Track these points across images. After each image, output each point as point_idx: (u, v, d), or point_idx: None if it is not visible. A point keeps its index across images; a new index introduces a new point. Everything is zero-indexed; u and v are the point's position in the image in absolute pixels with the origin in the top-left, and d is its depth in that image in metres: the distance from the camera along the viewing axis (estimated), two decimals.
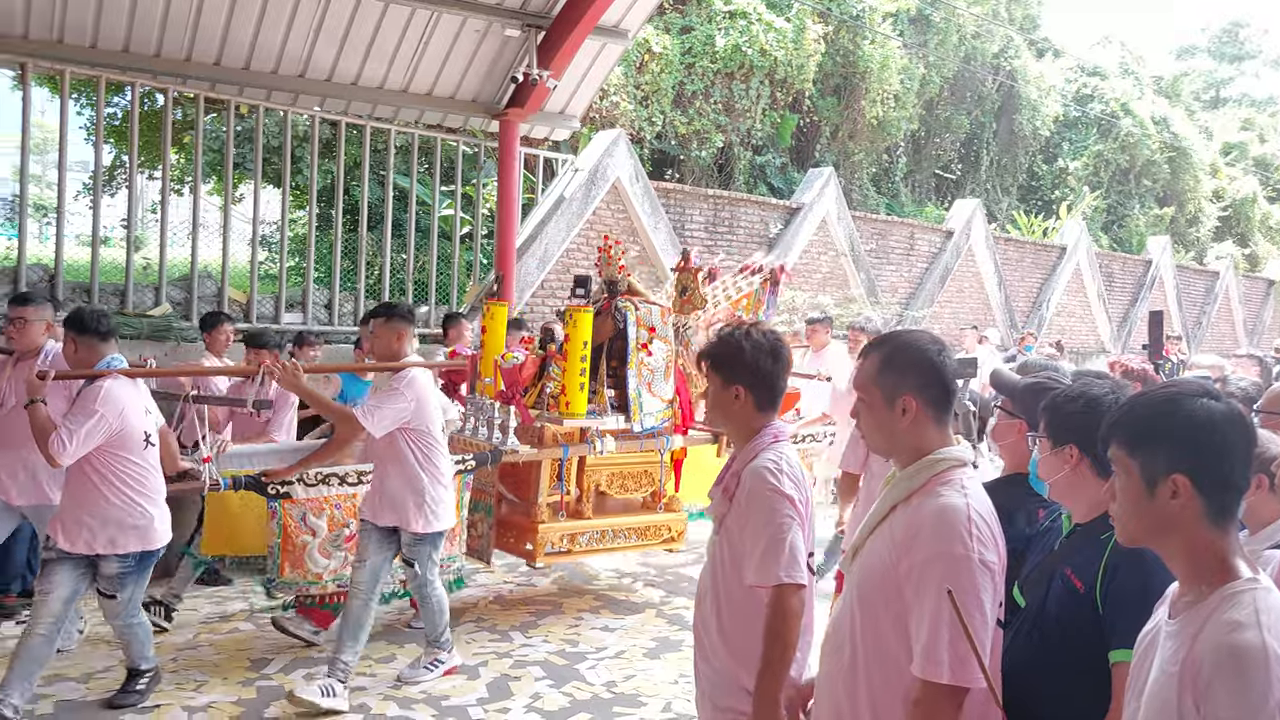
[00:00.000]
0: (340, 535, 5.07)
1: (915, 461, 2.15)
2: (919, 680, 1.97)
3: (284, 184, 9.09)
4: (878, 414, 2.21)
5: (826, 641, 2.26)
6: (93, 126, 8.71)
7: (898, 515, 2.12)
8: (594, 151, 10.54)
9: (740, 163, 15.62)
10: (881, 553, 2.10)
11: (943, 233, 15.52)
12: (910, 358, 2.19)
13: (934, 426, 2.18)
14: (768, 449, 2.62)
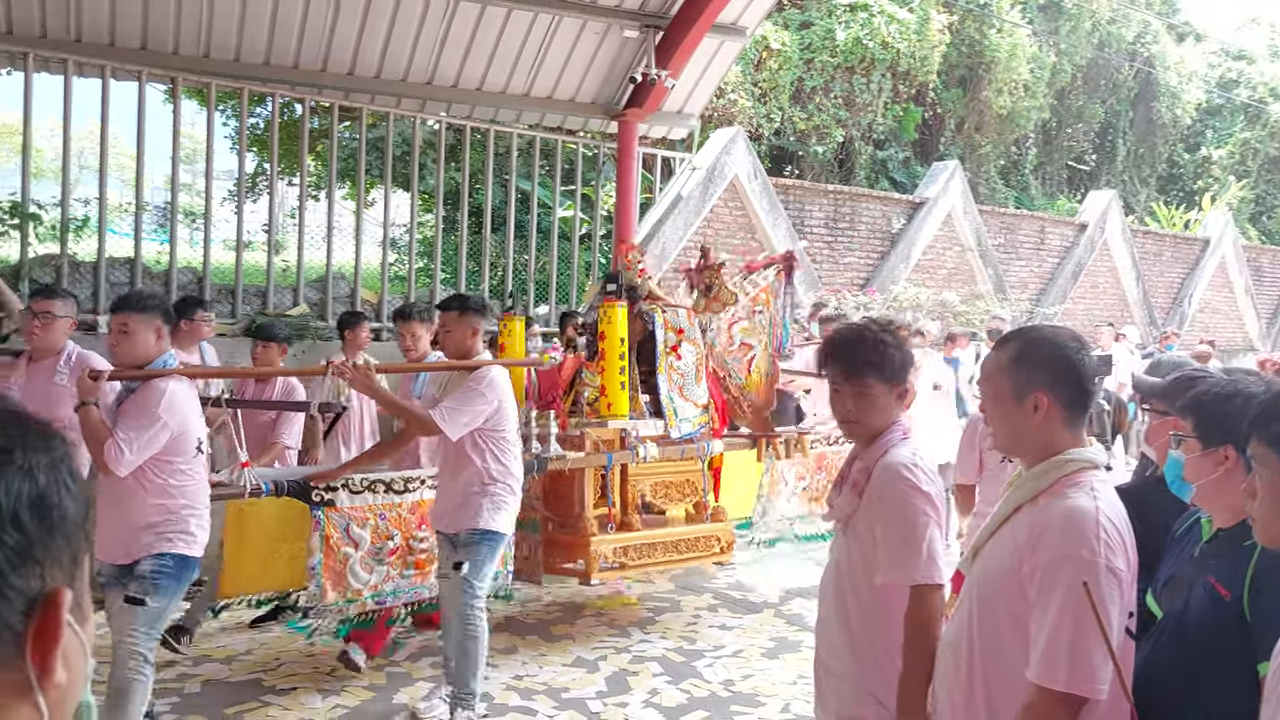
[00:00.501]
0: (384, 548, 4.65)
1: (1043, 461, 2.09)
2: (1033, 685, 1.93)
3: (413, 188, 9.40)
4: (1005, 409, 2.14)
5: (944, 642, 2.23)
6: (236, 136, 9.18)
7: (1022, 516, 2.07)
8: (712, 149, 10.55)
9: (861, 158, 15.39)
10: (1003, 554, 2.06)
11: (1076, 226, 14.96)
12: (1045, 353, 2.12)
13: (1065, 426, 2.11)
14: (899, 444, 2.57)
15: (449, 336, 4.50)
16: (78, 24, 7.33)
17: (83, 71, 7.58)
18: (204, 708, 4.54)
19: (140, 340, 3.77)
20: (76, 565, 0.73)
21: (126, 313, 3.78)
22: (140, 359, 3.79)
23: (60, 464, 0.72)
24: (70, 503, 0.72)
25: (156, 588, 3.71)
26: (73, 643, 0.72)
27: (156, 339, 3.81)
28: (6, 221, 7.39)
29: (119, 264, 7.82)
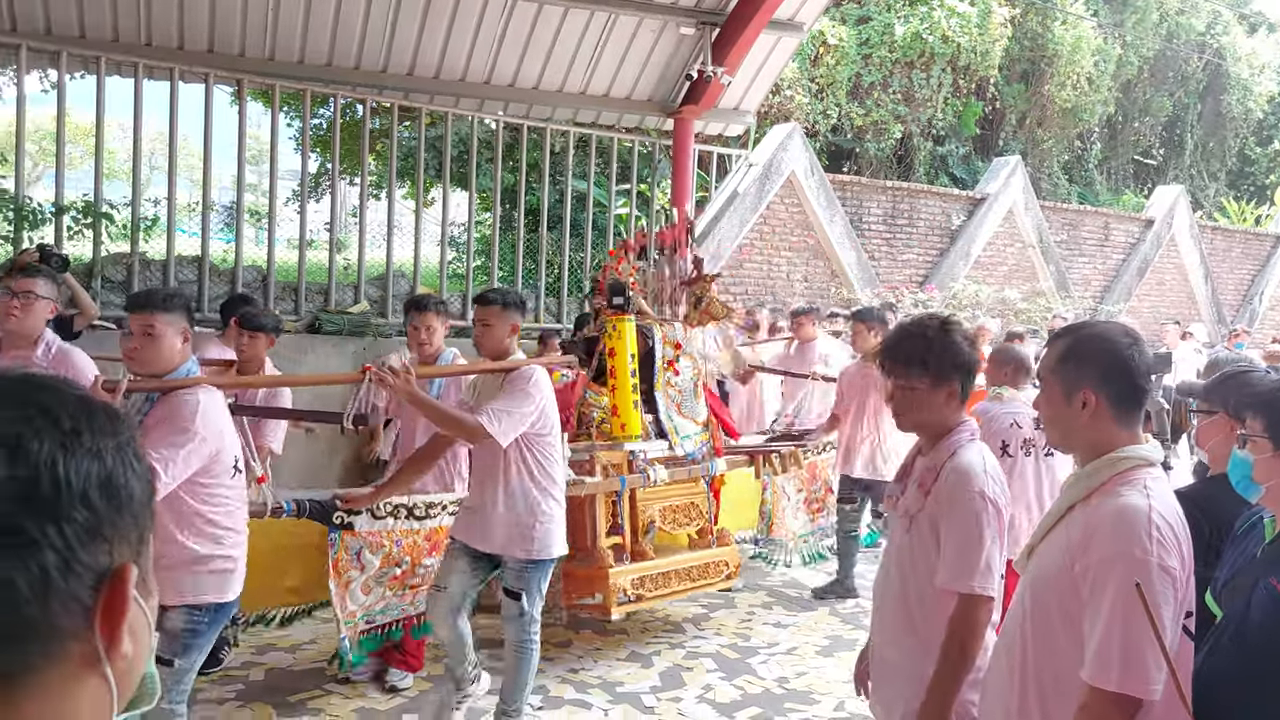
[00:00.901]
0: (388, 574, 4.41)
1: (1094, 459, 2.07)
2: (1087, 686, 1.91)
3: (470, 187, 9.51)
4: (1055, 407, 2.13)
5: (998, 643, 2.22)
6: (300, 137, 9.36)
7: (1075, 515, 2.04)
8: (768, 146, 10.52)
9: (920, 153, 15.22)
10: (1056, 554, 2.04)
11: (1142, 222, 14.64)
12: (1094, 349, 2.09)
13: (1117, 423, 2.07)
14: (967, 445, 2.56)
15: (489, 332, 4.10)
16: (148, 28, 7.54)
17: (152, 74, 7.80)
18: (267, 695, 4.65)
19: (166, 344, 3.26)
20: (142, 543, 0.76)
21: (151, 312, 3.25)
22: (165, 366, 3.28)
23: (126, 446, 0.75)
24: (136, 483, 0.74)
25: (188, 647, 3.20)
26: (138, 617, 0.75)
27: (183, 342, 3.33)
28: (81, 221, 7.62)
29: (187, 262, 8.03)
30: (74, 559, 0.69)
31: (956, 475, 2.49)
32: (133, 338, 3.26)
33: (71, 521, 0.69)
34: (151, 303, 3.26)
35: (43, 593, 0.67)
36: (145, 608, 0.76)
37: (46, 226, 7.48)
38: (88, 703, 0.71)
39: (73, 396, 0.74)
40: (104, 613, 0.71)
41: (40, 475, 0.68)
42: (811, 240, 10.84)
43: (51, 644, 0.69)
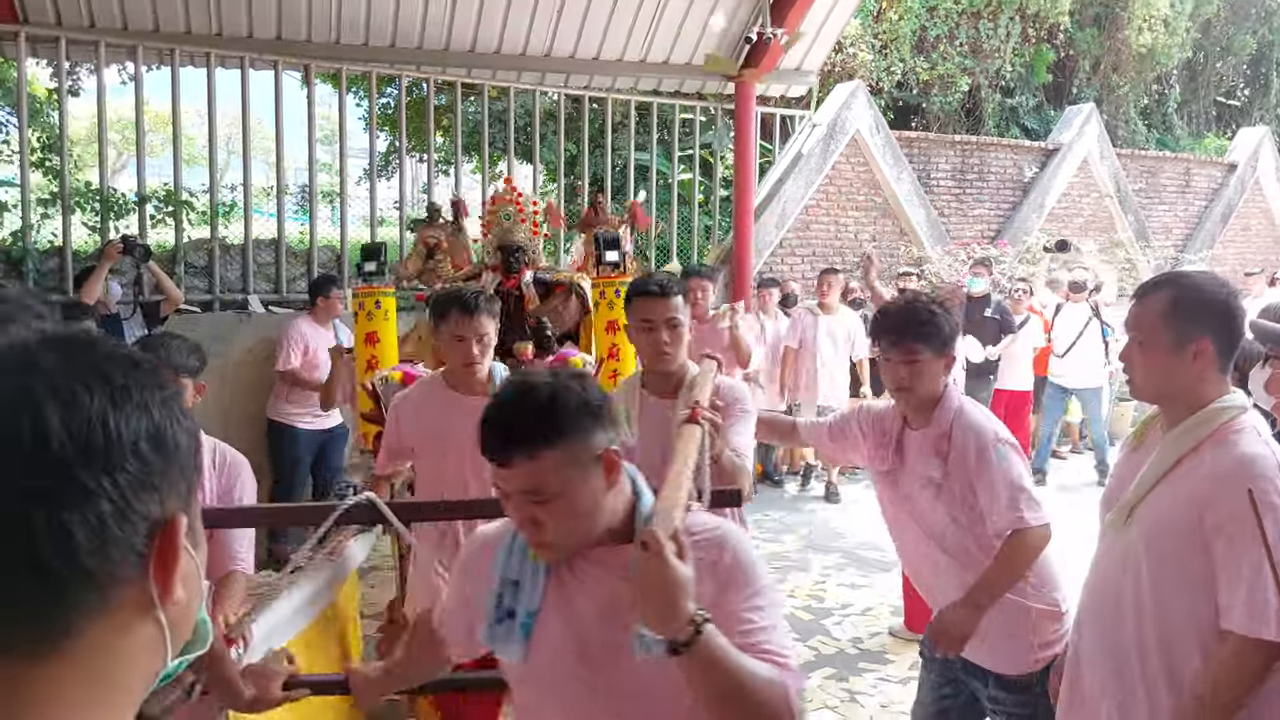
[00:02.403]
0: None
1: (1194, 410, 2.06)
2: (1237, 636, 1.91)
3: (534, 160, 9.60)
4: (1160, 356, 2.10)
5: (1092, 606, 2.22)
6: (368, 117, 9.54)
7: (1186, 468, 2.04)
8: (832, 105, 10.38)
9: (989, 105, 14.87)
10: (1174, 508, 2.02)
11: (1224, 166, 14.14)
12: (1206, 299, 2.09)
13: (1218, 374, 2.09)
14: (963, 404, 2.74)
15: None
16: (218, 20, 7.74)
17: (224, 63, 8.02)
18: None
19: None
20: (191, 495, 0.78)
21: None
22: None
23: (172, 400, 0.77)
24: (183, 436, 0.77)
25: None
26: (189, 565, 0.78)
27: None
28: (162, 209, 7.90)
29: (264, 245, 8.27)
30: (129, 509, 0.72)
31: (970, 433, 2.64)
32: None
33: (125, 472, 0.71)
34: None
35: (100, 542, 0.70)
36: (195, 557, 0.79)
37: (130, 215, 7.77)
38: (144, 646, 0.75)
39: (121, 354, 0.77)
40: (158, 561, 0.74)
41: (93, 428, 0.71)
42: (879, 199, 10.71)
43: (109, 591, 0.72)
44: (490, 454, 1.58)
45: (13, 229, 7.68)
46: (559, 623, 1.66)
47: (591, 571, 1.67)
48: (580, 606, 1.66)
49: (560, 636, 1.66)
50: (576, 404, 1.59)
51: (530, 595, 1.68)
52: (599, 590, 1.65)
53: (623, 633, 1.55)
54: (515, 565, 1.71)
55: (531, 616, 1.67)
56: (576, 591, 1.67)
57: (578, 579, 1.67)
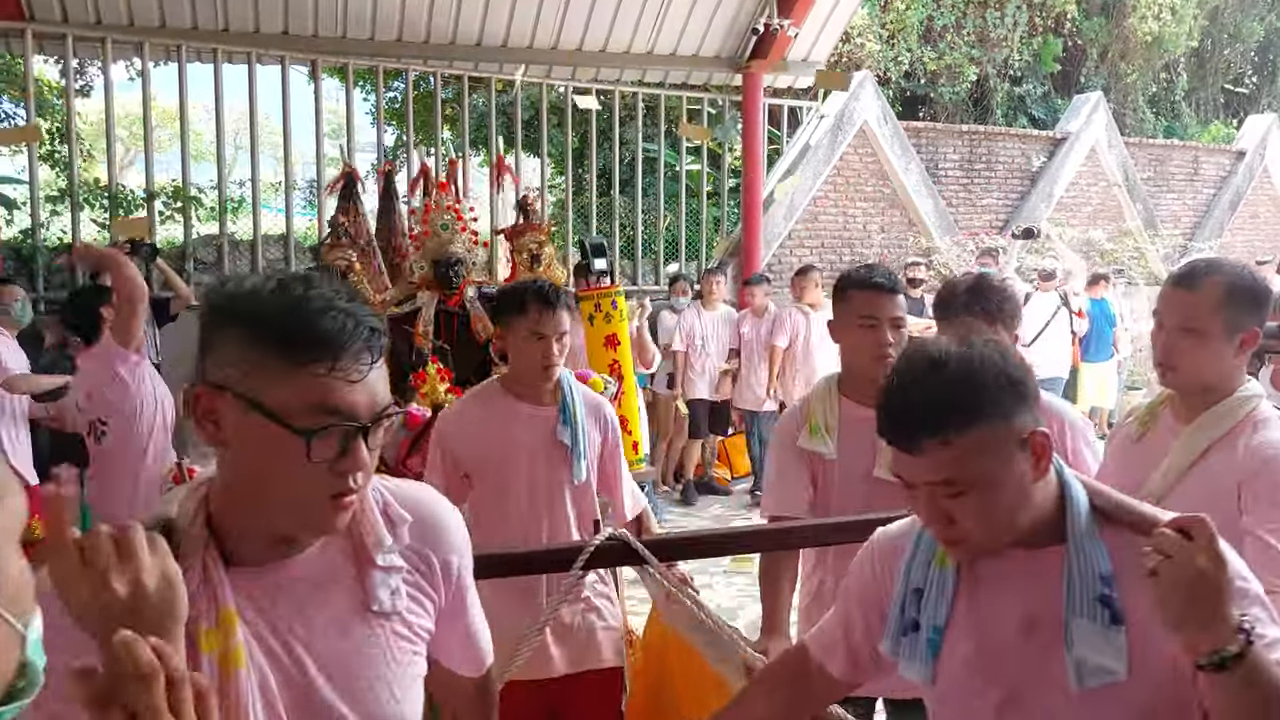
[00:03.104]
0: None
1: (1221, 398, 2.05)
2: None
3: (542, 153, 9.59)
4: (1216, 347, 2.05)
5: None
6: (375, 111, 9.53)
7: (1219, 453, 2.02)
8: (839, 96, 10.35)
9: (997, 95, 14.82)
10: (1216, 497, 1.98)
11: (1232, 154, 14.07)
12: (1252, 288, 2.06)
13: (1246, 361, 2.08)
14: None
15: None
16: (224, 15, 7.74)
17: (231, 59, 8.02)
18: None
19: None
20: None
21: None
22: None
23: None
24: None
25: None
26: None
27: None
28: (171, 205, 7.91)
29: (273, 241, 8.28)
30: None
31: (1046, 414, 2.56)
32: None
33: None
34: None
35: None
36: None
37: (139, 212, 7.78)
38: None
39: None
40: None
41: None
42: (887, 190, 10.68)
43: None
44: (894, 439, 1.38)
45: (22, 226, 7.70)
46: (969, 641, 1.42)
47: (1011, 580, 1.41)
48: (996, 622, 1.41)
49: (971, 657, 1.42)
50: (997, 377, 1.34)
51: (936, 607, 1.45)
52: (1019, 602, 1.40)
53: (1049, 655, 1.35)
54: (920, 570, 1.48)
55: (938, 633, 1.44)
56: (992, 604, 1.42)
57: (993, 589, 1.42)
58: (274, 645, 1.17)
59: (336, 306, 1.11)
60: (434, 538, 1.33)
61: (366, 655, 1.22)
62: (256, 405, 1.09)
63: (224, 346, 1.12)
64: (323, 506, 1.14)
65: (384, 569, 1.25)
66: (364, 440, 1.13)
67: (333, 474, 1.12)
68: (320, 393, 1.10)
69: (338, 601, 1.22)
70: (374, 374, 1.15)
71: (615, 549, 1.96)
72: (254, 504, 1.16)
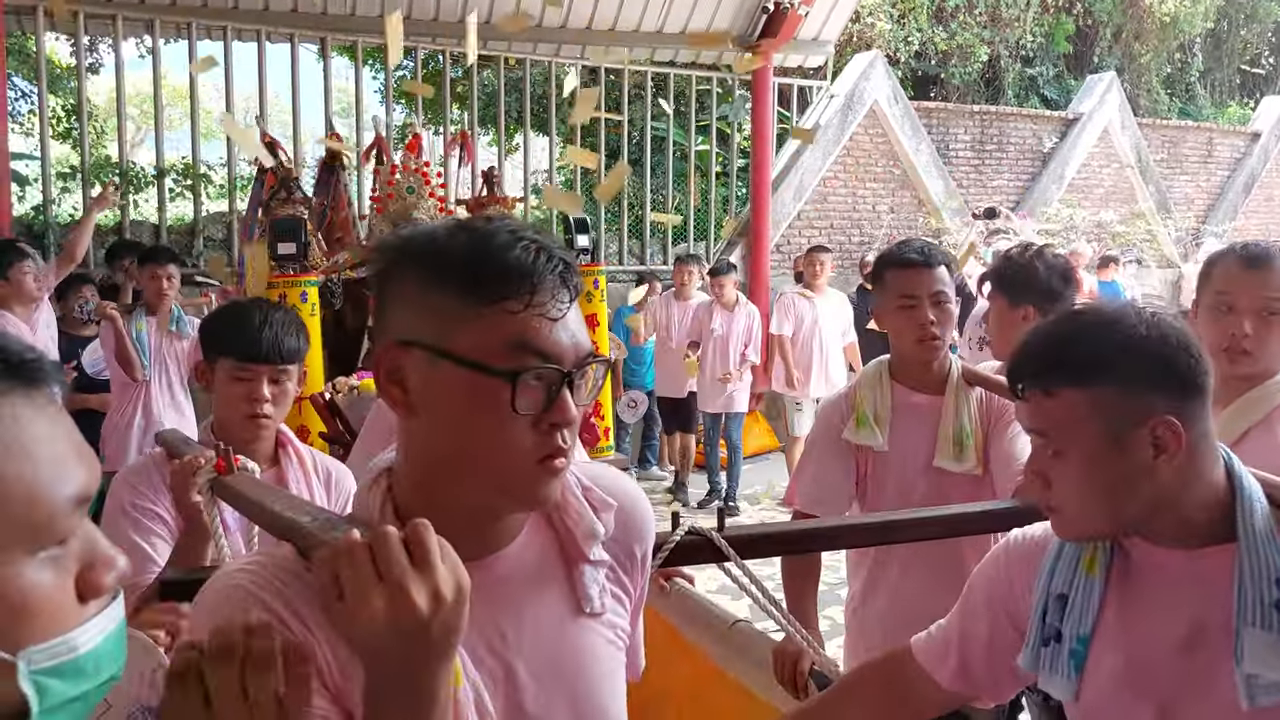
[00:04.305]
0: None
1: (1261, 382, 2.04)
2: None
3: (551, 132, 9.58)
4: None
5: None
6: (384, 90, 9.54)
7: (1257, 439, 1.99)
8: (850, 76, 10.31)
9: (1009, 75, 14.72)
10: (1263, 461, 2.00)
11: (1247, 135, 13.96)
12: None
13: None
14: None
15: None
16: None
17: (240, 36, 8.03)
18: None
19: None
20: None
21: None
22: None
23: None
24: None
25: None
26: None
27: None
28: (181, 183, 7.94)
29: None
30: None
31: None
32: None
33: None
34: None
35: None
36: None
37: (150, 189, 7.81)
38: None
39: None
40: None
41: None
42: (897, 170, 10.65)
43: None
44: (1008, 380, 1.32)
45: (34, 203, 7.74)
46: (1119, 653, 1.30)
47: (1169, 584, 1.29)
48: (1150, 632, 1.29)
49: (1123, 673, 1.29)
50: (1141, 346, 1.24)
51: (1082, 615, 1.32)
52: (1179, 610, 1.28)
53: (1214, 669, 1.23)
54: (1064, 575, 1.36)
55: (1083, 644, 1.31)
56: (1146, 612, 1.30)
57: (1148, 595, 1.30)
58: (483, 653, 1.02)
59: (525, 237, 0.97)
60: (636, 526, 1.16)
61: (578, 660, 1.08)
62: (446, 353, 0.95)
63: (402, 296, 0.99)
64: (531, 472, 0.97)
65: (594, 563, 1.10)
66: (569, 391, 0.97)
67: (539, 431, 0.96)
68: (518, 329, 0.95)
69: (548, 601, 1.07)
70: (574, 314, 0.99)
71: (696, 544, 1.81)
72: (450, 482, 0.99)
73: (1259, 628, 1.20)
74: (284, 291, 3.93)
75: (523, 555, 1.06)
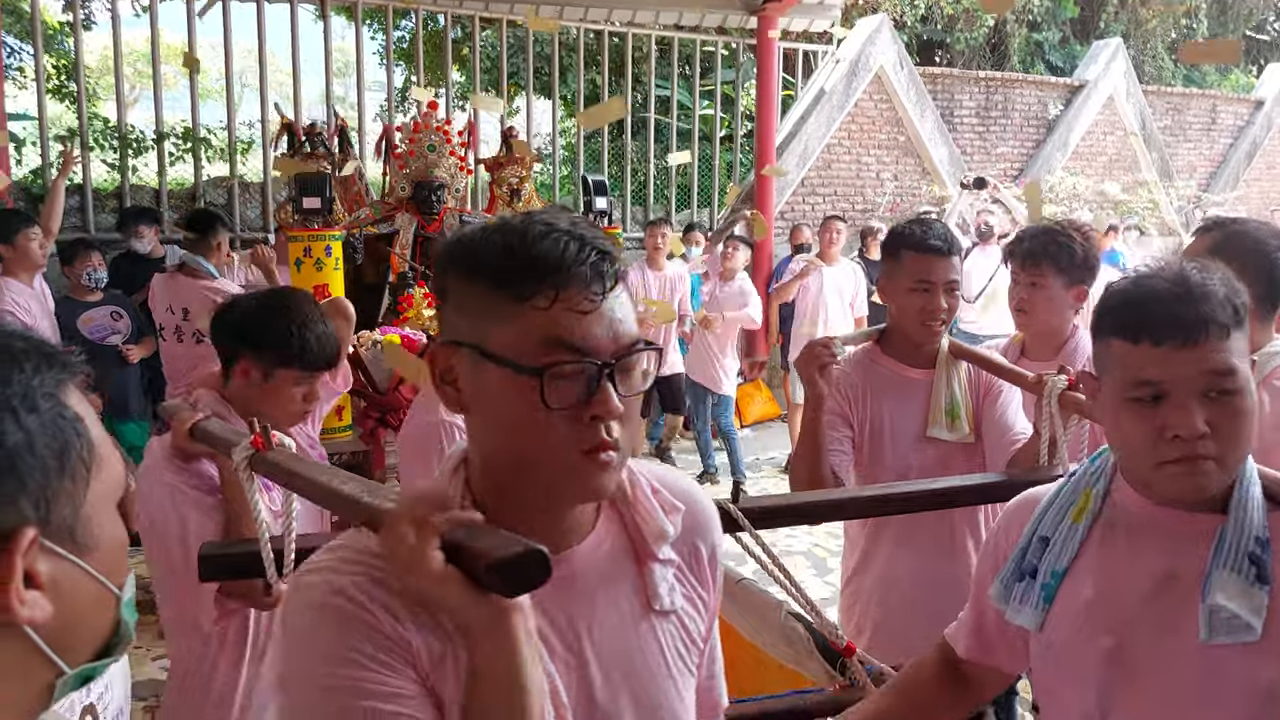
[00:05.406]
0: None
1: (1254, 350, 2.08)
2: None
3: (553, 95, 9.46)
4: None
5: None
6: (384, 51, 9.40)
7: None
8: (855, 41, 10.18)
9: (1015, 41, 14.57)
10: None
11: (1251, 103, 13.87)
12: (1244, 247, 2.09)
13: (1259, 322, 2.07)
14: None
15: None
16: None
17: None
18: None
19: None
20: (54, 498, 0.72)
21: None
22: None
23: (14, 397, 0.71)
24: (26, 436, 0.71)
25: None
26: (67, 574, 0.74)
27: None
28: (181, 147, 7.83)
29: (283, 184, 8.20)
30: None
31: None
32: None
33: None
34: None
35: None
36: (80, 562, 0.75)
37: (149, 153, 7.71)
38: (8, 663, 0.72)
39: None
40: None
41: None
42: (902, 137, 10.56)
43: None
44: (1168, 330, 1.28)
45: (32, 166, 7.63)
46: (1091, 591, 1.37)
47: (1155, 534, 1.36)
48: (1125, 577, 1.36)
49: (1090, 606, 1.37)
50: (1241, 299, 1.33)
51: (1059, 554, 1.41)
52: (1158, 556, 1.34)
53: (1180, 610, 1.29)
54: (1051, 521, 1.44)
55: (1056, 578, 1.40)
56: (1126, 553, 1.37)
57: (1131, 540, 1.37)
58: (557, 645, 1.05)
59: (558, 229, 0.98)
60: (701, 526, 1.19)
61: (645, 657, 1.10)
62: (485, 352, 0.98)
63: (450, 297, 1.02)
64: (578, 464, 0.98)
65: (663, 562, 1.12)
66: (612, 383, 0.98)
67: (580, 424, 0.97)
68: (547, 325, 0.96)
69: (620, 598, 1.09)
70: (613, 303, 0.99)
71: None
72: (509, 476, 1.02)
73: (1230, 570, 1.27)
74: (309, 245, 3.95)
75: (596, 552, 1.09)
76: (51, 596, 0.71)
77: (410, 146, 4.31)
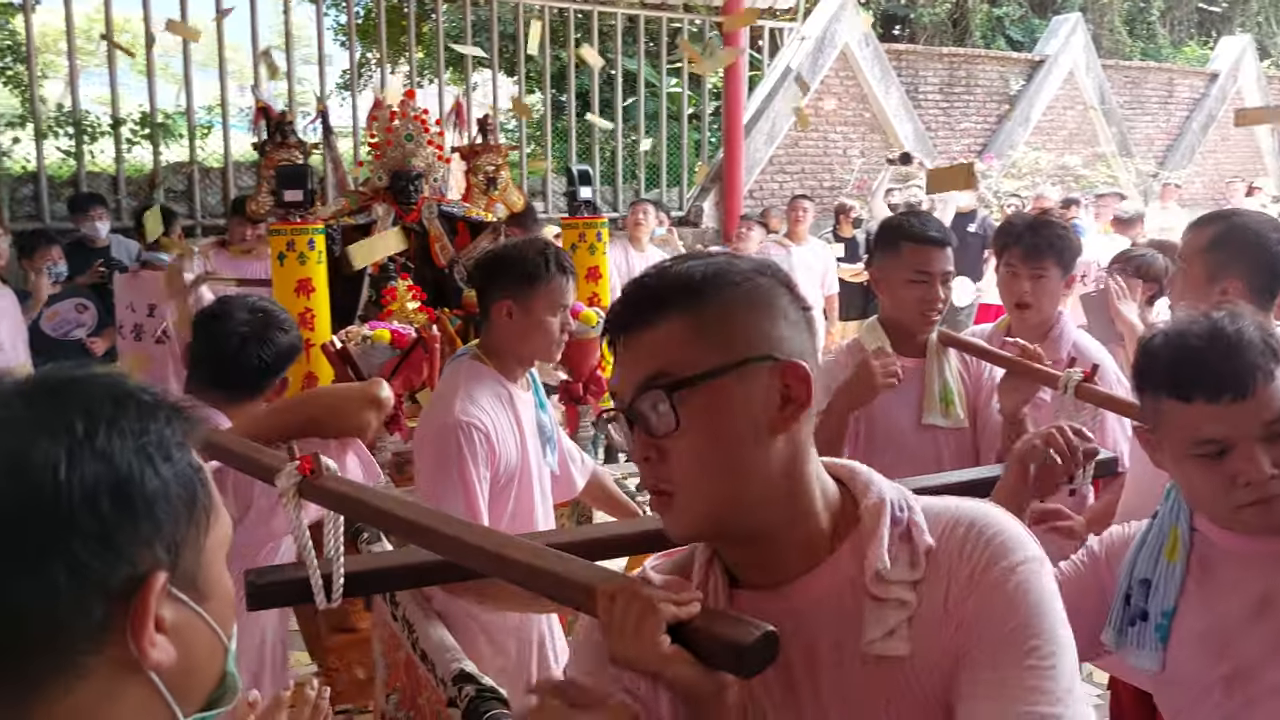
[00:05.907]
0: None
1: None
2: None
3: (519, 71, 9.31)
4: (1195, 288, 2.15)
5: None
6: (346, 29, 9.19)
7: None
8: (821, 17, 10.14)
9: (976, 16, 14.62)
10: None
11: (1206, 76, 14.06)
12: (1245, 240, 2.12)
13: (1255, 310, 2.10)
14: (1078, 335, 2.72)
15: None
16: None
17: None
18: None
19: None
20: (181, 545, 0.73)
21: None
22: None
23: (152, 445, 0.72)
24: (163, 483, 0.72)
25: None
26: (188, 621, 0.74)
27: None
28: (139, 132, 7.61)
29: (245, 168, 8.00)
30: (84, 571, 0.67)
31: (1088, 354, 2.58)
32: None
33: (78, 532, 0.67)
34: None
35: (50, 607, 0.67)
36: (201, 610, 0.76)
37: (105, 139, 7.48)
38: (134, 708, 0.72)
39: (102, 393, 0.73)
40: (133, 621, 0.70)
41: (42, 486, 0.66)
42: (867, 114, 10.56)
43: (75, 657, 0.69)
44: (1219, 389, 1.35)
45: None
46: (1200, 623, 1.44)
47: (1246, 561, 1.43)
48: (1226, 605, 1.43)
49: (1202, 639, 1.43)
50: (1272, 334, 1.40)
51: (1165, 594, 1.46)
52: (1254, 580, 1.41)
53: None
54: (1147, 563, 1.49)
55: (1167, 617, 1.46)
56: (1224, 584, 1.44)
57: (1227, 570, 1.44)
58: (770, 678, 0.99)
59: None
60: (962, 559, 0.98)
61: (853, 699, 1.00)
62: None
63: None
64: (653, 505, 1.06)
65: (880, 600, 0.99)
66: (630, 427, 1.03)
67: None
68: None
69: (833, 635, 1.01)
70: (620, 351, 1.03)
71: None
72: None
73: None
74: (292, 239, 3.80)
75: (813, 586, 1.02)
76: (175, 643, 0.73)
77: (388, 136, 4.22)
